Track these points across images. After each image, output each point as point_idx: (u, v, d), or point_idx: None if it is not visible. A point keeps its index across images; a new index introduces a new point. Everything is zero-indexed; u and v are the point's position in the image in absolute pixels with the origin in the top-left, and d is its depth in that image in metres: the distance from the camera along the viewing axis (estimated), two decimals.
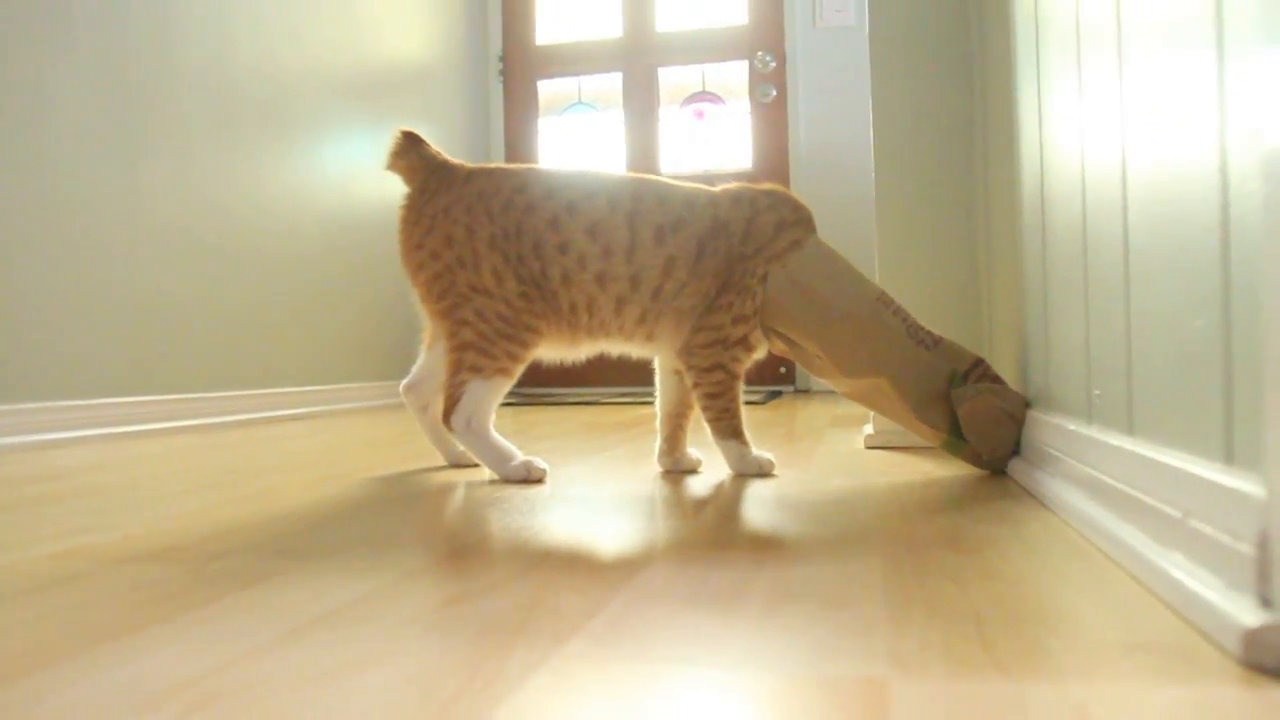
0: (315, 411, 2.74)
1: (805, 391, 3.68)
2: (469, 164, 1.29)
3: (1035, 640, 0.53)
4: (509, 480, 1.22)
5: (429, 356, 1.35)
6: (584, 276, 1.22)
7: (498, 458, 1.23)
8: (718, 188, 1.28)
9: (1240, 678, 0.46)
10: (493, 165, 1.27)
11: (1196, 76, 0.59)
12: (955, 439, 1.21)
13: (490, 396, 1.23)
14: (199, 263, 2.32)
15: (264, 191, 2.57)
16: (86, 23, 2.01)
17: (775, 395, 3.40)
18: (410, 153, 1.28)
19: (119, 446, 1.87)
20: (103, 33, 2.05)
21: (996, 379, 1.21)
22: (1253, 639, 0.47)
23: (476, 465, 1.38)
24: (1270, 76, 0.48)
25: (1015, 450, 1.19)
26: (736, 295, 1.22)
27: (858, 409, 2.54)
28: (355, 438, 1.94)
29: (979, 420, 1.16)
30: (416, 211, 1.25)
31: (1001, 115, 1.33)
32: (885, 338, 1.19)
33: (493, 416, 1.24)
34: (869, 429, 1.59)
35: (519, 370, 1.24)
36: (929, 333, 1.22)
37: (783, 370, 3.77)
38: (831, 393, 3.57)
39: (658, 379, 1.34)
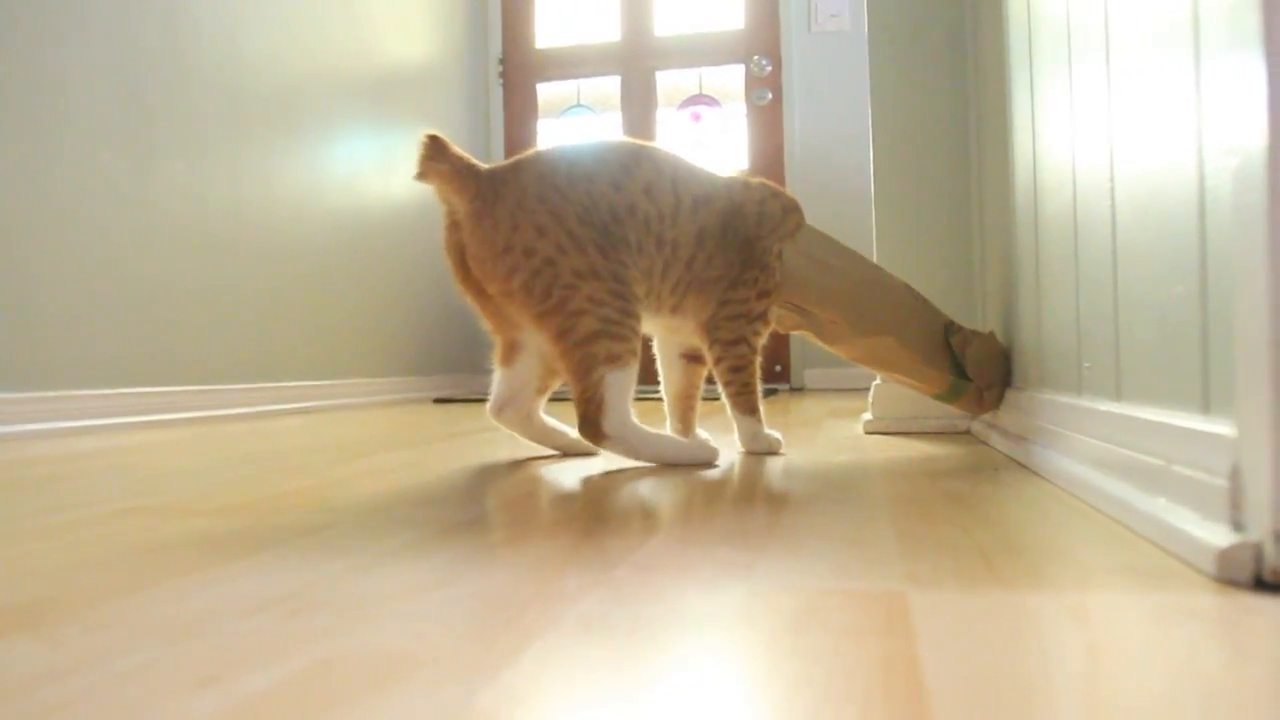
0: (318, 406, 2.79)
1: (800, 389, 3.75)
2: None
3: (1034, 565, 0.59)
4: (709, 465, 1.17)
5: (510, 372, 1.26)
6: (649, 240, 1.19)
7: (676, 449, 1.18)
8: (721, 176, 1.33)
9: (1214, 589, 0.53)
10: (519, 155, 1.21)
11: (1177, 72, 0.66)
12: (959, 380, 1.34)
13: (630, 385, 1.14)
14: (207, 258, 2.37)
15: (272, 189, 2.63)
16: (101, 25, 2.06)
17: (771, 393, 3.47)
18: (443, 159, 1.15)
19: (129, 435, 1.93)
20: (116, 34, 2.10)
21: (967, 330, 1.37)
22: (1224, 557, 0.54)
23: (593, 453, 1.31)
24: (1236, 74, 0.54)
25: (1006, 384, 1.36)
26: (760, 271, 1.28)
27: (854, 403, 2.61)
28: (369, 429, 2.00)
29: (983, 357, 1.32)
30: (483, 218, 1.13)
31: (996, 112, 1.40)
32: (891, 294, 1.33)
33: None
34: (867, 416, 1.66)
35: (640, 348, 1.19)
36: (918, 292, 1.36)
37: (778, 369, 3.83)
38: (827, 389, 3.64)
39: (661, 364, 1.38)
